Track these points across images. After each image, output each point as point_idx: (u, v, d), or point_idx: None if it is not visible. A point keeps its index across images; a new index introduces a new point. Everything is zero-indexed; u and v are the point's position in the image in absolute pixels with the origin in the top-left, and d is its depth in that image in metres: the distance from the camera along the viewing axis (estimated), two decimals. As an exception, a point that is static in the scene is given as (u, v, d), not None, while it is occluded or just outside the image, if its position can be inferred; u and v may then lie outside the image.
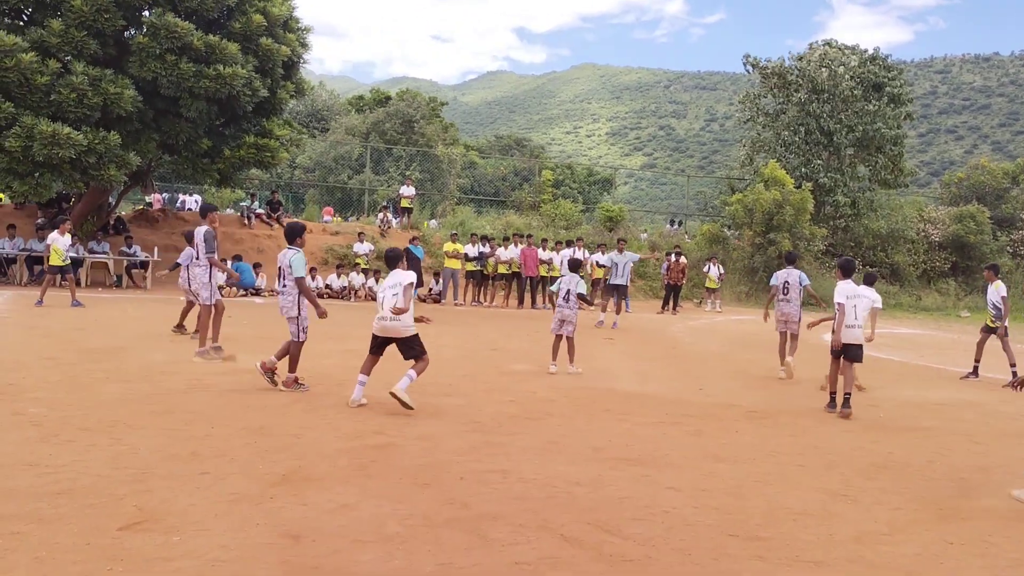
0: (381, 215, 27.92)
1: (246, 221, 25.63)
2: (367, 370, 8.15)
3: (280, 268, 8.72)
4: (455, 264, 22.32)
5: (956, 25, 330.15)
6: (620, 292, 18.87)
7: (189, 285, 11.35)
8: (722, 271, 25.94)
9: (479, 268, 22.48)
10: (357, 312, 17.78)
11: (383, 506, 5.03)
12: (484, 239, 23.28)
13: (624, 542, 4.65)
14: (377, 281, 22.01)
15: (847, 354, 9.07)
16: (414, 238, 22.33)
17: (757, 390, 10.65)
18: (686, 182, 44.80)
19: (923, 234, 33.84)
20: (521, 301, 22.71)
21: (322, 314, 8.60)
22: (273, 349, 8.89)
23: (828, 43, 35.23)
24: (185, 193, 33.65)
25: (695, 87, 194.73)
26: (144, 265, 21.60)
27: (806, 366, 12.33)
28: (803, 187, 29.09)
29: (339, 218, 32.76)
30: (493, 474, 5.88)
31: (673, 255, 23.57)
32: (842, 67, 32.70)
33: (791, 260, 12.66)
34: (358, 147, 36.20)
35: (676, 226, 38.73)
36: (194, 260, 10.87)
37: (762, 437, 7.74)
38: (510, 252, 22.58)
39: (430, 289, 22.72)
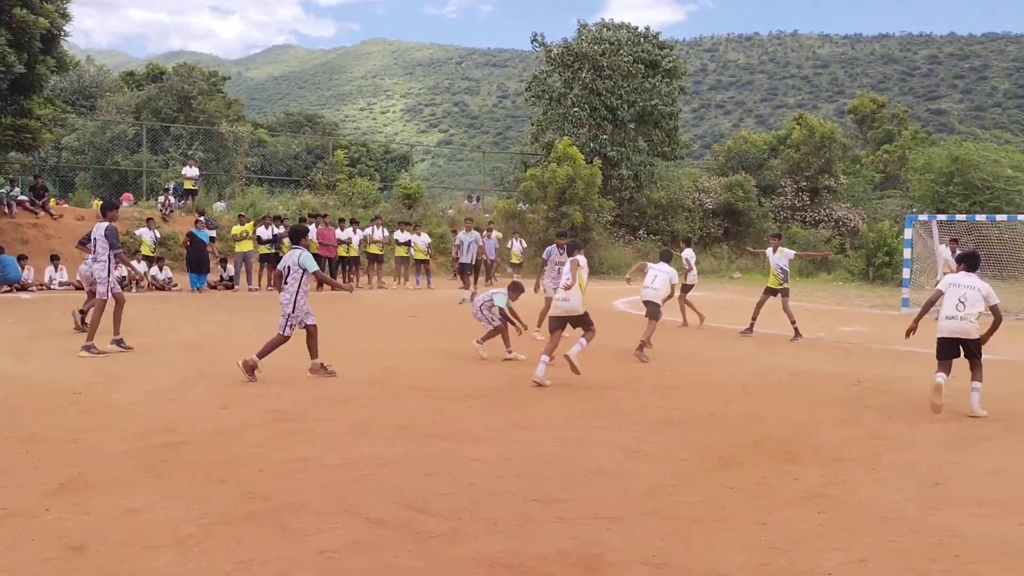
0: (162, 198, 26.26)
1: (6, 209, 23.24)
2: (550, 351, 9.07)
3: (288, 267, 9.09)
4: (247, 247, 21.42)
5: (723, 6, 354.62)
6: (468, 269, 19.74)
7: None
8: (524, 246, 26.62)
9: (273, 251, 21.69)
10: (140, 304, 16.57)
11: (176, 507, 4.76)
12: (277, 220, 22.49)
13: (431, 518, 4.68)
14: (161, 269, 20.73)
15: (647, 311, 11.75)
16: (198, 221, 21.15)
17: (559, 360, 11.01)
18: (482, 158, 45.41)
19: (698, 203, 36.30)
20: (320, 283, 22.16)
21: (349, 288, 10.03)
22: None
23: (604, 23, 36.76)
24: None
25: (486, 64, 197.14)
26: None
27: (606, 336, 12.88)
28: (594, 162, 30.32)
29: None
30: (295, 463, 5.72)
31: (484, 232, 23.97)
32: (621, 46, 34.27)
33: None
34: (132, 127, 33.71)
35: (475, 202, 39.22)
36: (94, 256, 10.71)
37: (562, 404, 8.04)
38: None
39: (220, 276, 21.66)
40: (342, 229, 22.73)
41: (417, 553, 4.19)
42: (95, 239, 10.68)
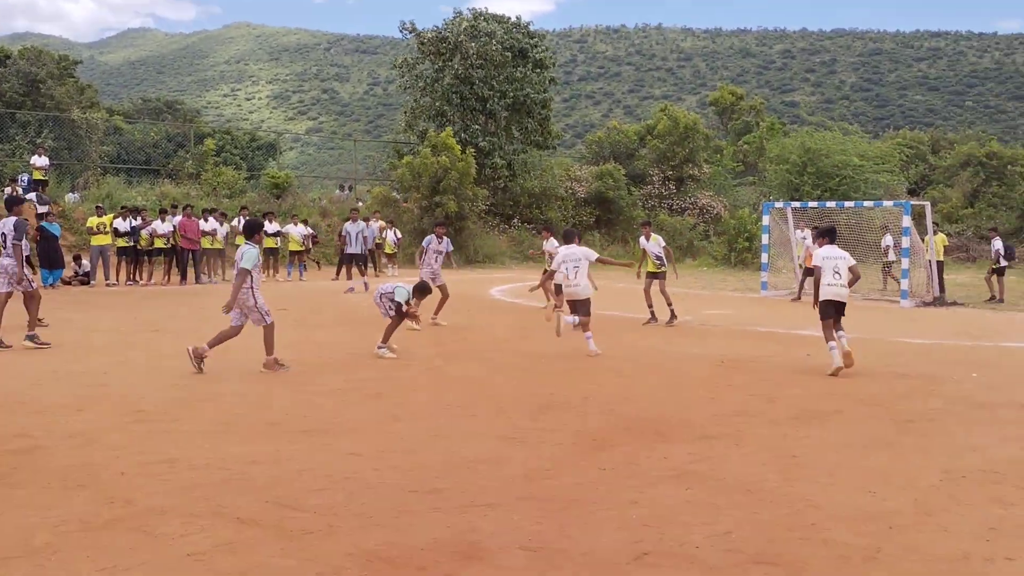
0: (10, 189, 24.54)
1: None
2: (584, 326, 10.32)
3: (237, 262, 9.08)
4: (104, 240, 20.31)
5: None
6: (359, 260, 19.79)
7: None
8: (399, 236, 26.39)
9: (132, 243, 20.66)
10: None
11: (29, 516, 4.47)
12: (136, 211, 21.42)
13: (305, 515, 4.58)
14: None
15: (578, 311, 10.64)
16: (48, 214, 19.88)
17: (432, 347, 10.99)
18: (353, 147, 44.64)
19: (571, 192, 36.94)
20: (184, 277, 21.29)
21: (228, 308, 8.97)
22: None
23: (475, 12, 36.79)
24: None
25: (356, 50, 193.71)
26: None
27: (482, 325, 12.94)
28: (467, 152, 30.34)
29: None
30: (159, 465, 5.47)
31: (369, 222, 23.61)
32: (491, 36, 34.39)
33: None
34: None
35: (347, 191, 38.56)
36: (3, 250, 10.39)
37: (439, 392, 8.03)
38: (167, 225, 21.01)
39: (75, 271, 20.46)
40: (206, 220, 21.88)
41: (290, 551, 4.09)
42: (4, 234, 10.44)
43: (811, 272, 14.69)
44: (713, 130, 50.10)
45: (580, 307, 10.51)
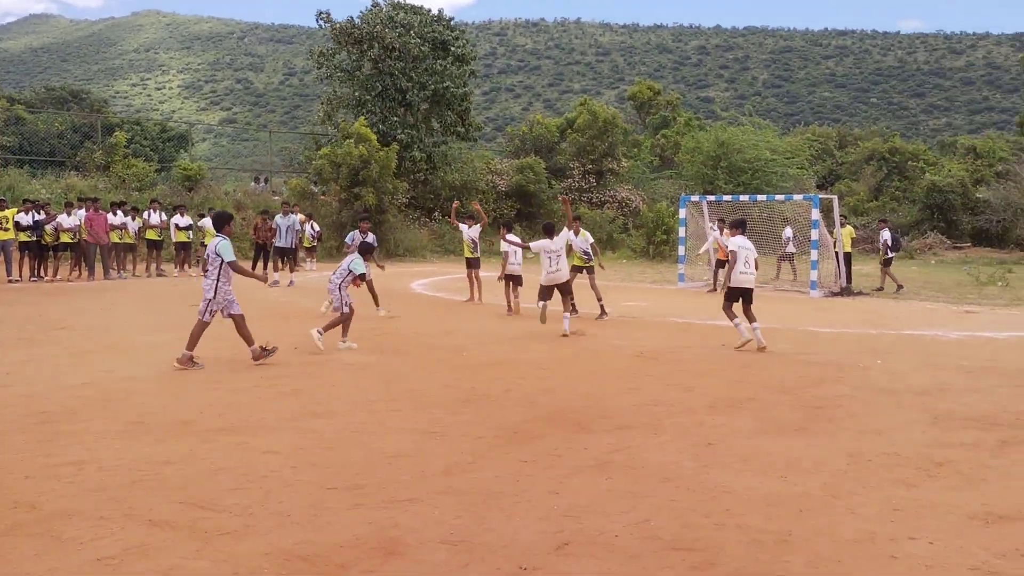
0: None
1: None
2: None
3: (208, 255, 9.12)
4: (5, 236, 19.41)
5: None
6: (286, 254, 19.74)
7: None
8: (317, 230, 25.96)
9: (35, 238, 19.80)
10: None
11: (-77, 526, 4.26)
12: (39, 205, 20.53)
13: (220, 515, 4.48)
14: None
15: (561, 288, 12.14)
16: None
17: (352, 342, 10.85)
18: (269, 138, 43.70)
19: (492, 185, 36.96)
20: (92, 272, 20.53)
21: (264, 279, 10.01)
22: None
23: (393, 3, 36.41)
24: None
25: (271, 40, 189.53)
26: None
27: (401, 319, 12.83)
28: (391, 145, 30.04)
29: None
30: (66, 467, 5.28)
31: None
32: (408, 28, 34.10)
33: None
34: None
35: (263, 184, 37.76)
36: None
37: (358, 388, 7.94)
38: (73, 219, 20.20)
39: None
40: (115, 214, 21.12)
41: (205, 553, 4.00)
42: None
43: (723, 264, 15.15)
44: (631, 124, 50.83)
45: (565, 287, 12.09)
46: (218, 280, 8.99)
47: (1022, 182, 37.59)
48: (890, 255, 19.73)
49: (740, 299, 10.56)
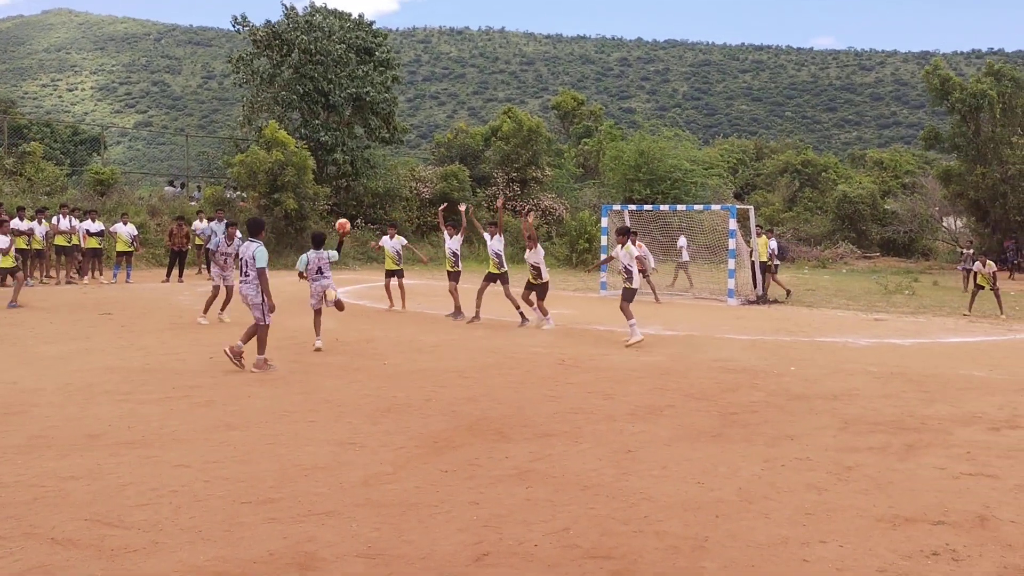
0: None
1: None
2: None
3: (243, 260, 9.37)
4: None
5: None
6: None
7: None
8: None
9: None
10: None
11: None
12: (-63, 209, 19.54)
13: (127, 532, 4.31)
14: None
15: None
16: None
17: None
18: (186, 142, 42.56)
19: (415, 192, 36.77)
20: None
21: (272, 308, 9.26)
22: None
23: (313, 7, 35.94)
24: None
25: (188, 42, 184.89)
26: None
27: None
28: (301, 146, 29.56)
29: None
30: (-40, 485, 5.01)
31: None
32: (329, 32, 33.70)
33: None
34: None
35: (179, 189, 36.73)
36: None
37: (274, 399, 7.76)
38: (-25, 223, 19.26)
39: None
40: (22, 219, 20.23)
41: (112, 571, 3.85)
42: None
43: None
44: (555, 134, 51.21)
45: (542, 290, 13.64)
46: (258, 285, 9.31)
47: (927, 194, 39.26)
48: (776, 263, 20.29)
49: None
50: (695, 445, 6.33)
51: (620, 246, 12.04)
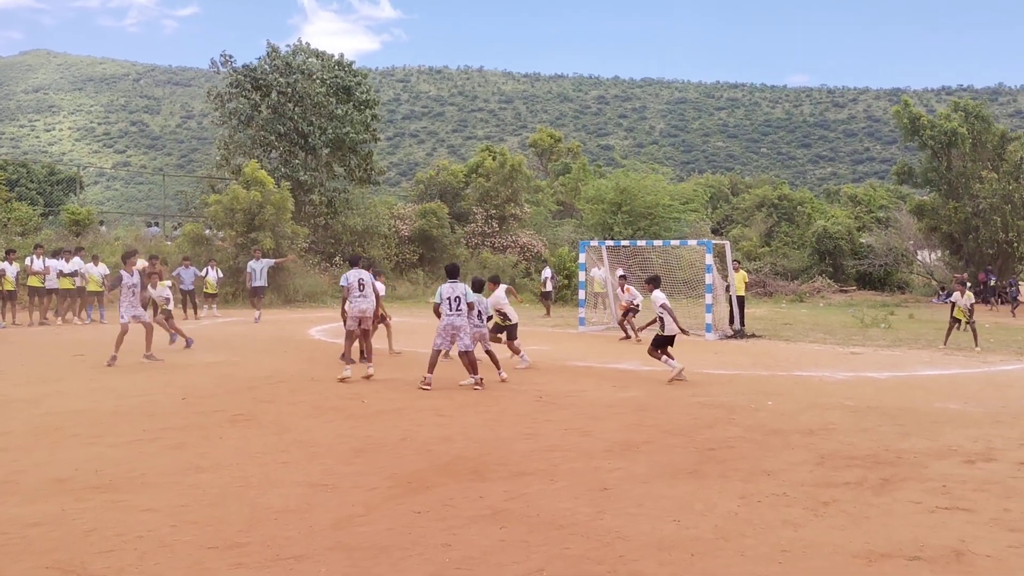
0: None
1: None
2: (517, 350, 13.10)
3: (458, 298, 11.04)
4: None
5: (415, 38, 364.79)
6: (259, 292, 22.57)
7: None
8: (220, 275, 25.25)
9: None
10: None
11: None
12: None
13: (89, 581, 4.20)
14: None
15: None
16: None
17: (242, 393, 10.49)
18: (163, 181, 42.47)
19: (394, 229, 36.82)
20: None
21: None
22: None
23: (298, 47, 36.18)
24: None
25: (168, 82, 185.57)
26: None
27: (296, 365, 12.47)
28: (282, 186, 29.58)
29: None
30: (-83, 534, 4.87)
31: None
32: (308, 73, 33.92)
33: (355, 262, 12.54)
34: None
35: (156, 228, 36.60)
36: None
37: (246, 440, 7.64)
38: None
39: None
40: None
41: (69, 623, 3.73)
42: None
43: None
44: (533, 171, 51.60)
45: (511, 330, 13.47)
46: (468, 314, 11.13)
47: (902, 228, 39.77)
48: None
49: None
50: (672, 482, 6.28)
51: (650, 293, 12.30)
